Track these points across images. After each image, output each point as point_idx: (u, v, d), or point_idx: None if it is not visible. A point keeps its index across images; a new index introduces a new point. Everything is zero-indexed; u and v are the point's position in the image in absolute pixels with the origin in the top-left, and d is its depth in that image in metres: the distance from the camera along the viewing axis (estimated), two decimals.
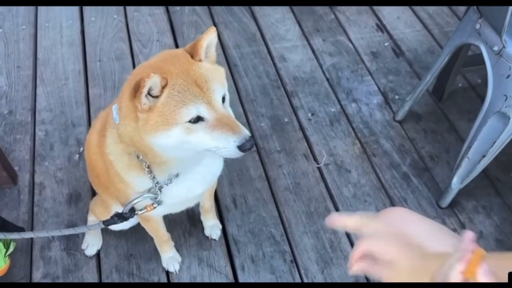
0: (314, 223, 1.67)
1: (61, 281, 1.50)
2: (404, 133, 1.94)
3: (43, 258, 1.54)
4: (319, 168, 1.83)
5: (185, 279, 1.51)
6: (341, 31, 2.37)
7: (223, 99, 0.97)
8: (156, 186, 1.09)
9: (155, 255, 1.55)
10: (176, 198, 1.17)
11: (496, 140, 1.49)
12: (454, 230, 1.64)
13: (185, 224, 1.65)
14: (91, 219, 1.53)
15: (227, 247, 1.60)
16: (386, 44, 2.31)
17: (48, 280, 1.50)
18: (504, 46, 1.41)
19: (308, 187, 1.77)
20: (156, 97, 0.92)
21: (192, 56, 0.98)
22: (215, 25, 2.39)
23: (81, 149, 1.83)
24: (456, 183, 1.63)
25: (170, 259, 1.53)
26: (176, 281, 1.51)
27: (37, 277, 1.51)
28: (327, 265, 1.56)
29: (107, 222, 1.19)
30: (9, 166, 1.70)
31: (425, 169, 1.83)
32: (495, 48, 1.44)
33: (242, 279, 1.52)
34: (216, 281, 1.51)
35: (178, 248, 1.57)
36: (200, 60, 0.97)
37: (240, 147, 0.94)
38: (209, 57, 1.01)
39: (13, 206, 1.67)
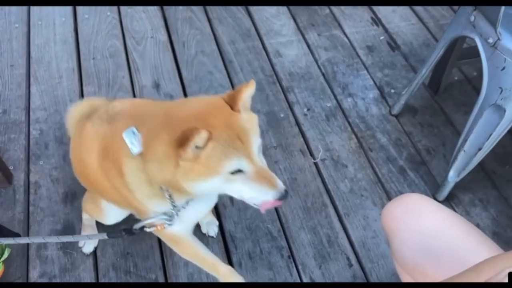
0: (311, 219, 1.67)
1: (58, 280, 1.49)
2: (400, 127, 1.94)
3: (40, 257, 1.54)
4: (315, 163, 1.83)
5: (183, 277, 1.51)
6: (336, 25, 2.36)
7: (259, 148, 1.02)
8: (174, 210, 1.12)
9: (152, 253, 1.55)
10: (190, 219, 1.24)
11: (492, 133, 1.49)
12: None
13: None
14: (85, 216, 1.53)
15: (224, 243, 1.60)
16: (382, 38, 2.30)
17: (45, 280, 1.49)
18: (499, 38, 1.40)
19: (304, 182, 1.77)
20: (200, 148, 0.95)
21: (231, 107, 1.00)
22: (209, 20, 2.38)
23: None
24: (453, 176, 1.63)
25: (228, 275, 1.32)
26: (173, 279, 1.51)
27: (34, 276, 1.50)
28: (325, 261, 1.56)
29: (112, 235, 1.21)
30: (4, 166, 1.69)
31: (422, 163, 1.82)
32: (490, 41, 1.43)
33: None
34: (214, 277, 1.50)
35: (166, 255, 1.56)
36: (238, 111, 1.00)
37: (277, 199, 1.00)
38: (244, 106, 1.03)
39: (9, 206, 1.66)
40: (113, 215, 1.42)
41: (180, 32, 2.34)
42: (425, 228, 1.02)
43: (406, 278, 1.08)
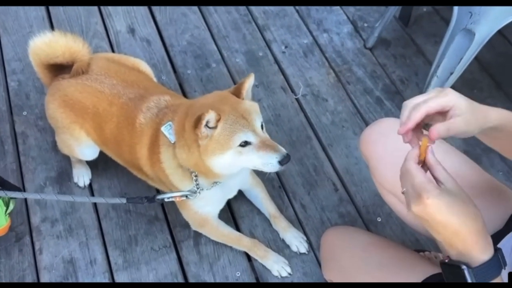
0: (297, 151, 1.75)
1: (60, 223, 1.54)
2: (375, 59, 2.02)
3: (39, 203, 1.57)
4: (297, 99, 1.90)
5: None
6: None
7: (262, 126, 1.24)
8: (197, 189, 1.33)
9: (149, 192, 1.60)
10: (215, 197, 1.42)
11: (462, 57, 1.59)
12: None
13: None
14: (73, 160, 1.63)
15: None
16: None
17: (47, 223, 1.54)
18: None
19: (288, 117, 1.84)
20: (213, 128, 1.17)
21: (237, 95, 1.25)
22: None
23: None
24: None
25: (275, 263, 1.49)
26: (172, 214, 1.58)
27: (36, 221, 1.54)
28: (313, 187, 1.67)
29: (132, 200, 1.38)
30: None
31: (397, 92, 1.92)
32: None
33: (235, 206, 1.60)
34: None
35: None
36: (243, 99, 1.24)
37: (280, 162, 1.20)
38: (247, 96, 1.27)
39: None
40: (88, 153, 1.53)
41: None
42: (400, 146, 1.08)
43: (388, 197, 1.16)
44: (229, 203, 1.60)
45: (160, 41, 2.06)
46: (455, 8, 1.56)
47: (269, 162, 1.21)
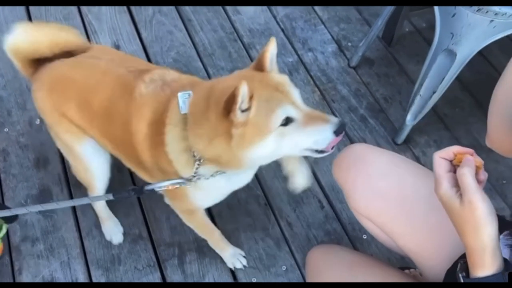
0: (283, 168, 1.75)
1: (41, 242, 1.50)
2: (359, 78, 2.04)
3: (19, 222, 1.53)
4: None
5: (166, 229, 1.56)
6: None
7: None
8: (194, 177, 1.09)
9: (133, 210, 1.58)
10: (221, 190, 1.21)
11: (445, 76, 1.62)
12: None
13: None
14: (99, 208, 1.51)
15: None
16: None
17: (28, 243, 1.50)
18: None
19: None
20: (246, 110, 0.95)
21: (260, 70, 1.04)
22: None
23: None
24: (410, 120, 1.76)
25: (232, 256, 1.50)
26: (157, 233, 1.55)
27: (15, 241, 1.50)
28: (299, 205, 1.66)
29: (119, 195, 1.13)
30: None
31: (381, 110, 1.95)
32: None
33: (220, 224, 1.59)
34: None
35: (155, 201, 1.60)
36: (269, 71, 1.04)
37: (336, 133, 0.98)
38: (273, 68, 1.07)
39: None
40: (98, 162, 1.35)
41: None
42: (372, 172, 1.07)
43: (364, 222, 1.16)
44: (213, 220, 1.58)
45: (146, 58, 2.05)
46: (437, 29, 1.59)
47: (323, 137, 0.98)
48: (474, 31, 1.49)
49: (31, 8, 2.15)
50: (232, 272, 1.50)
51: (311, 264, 1.26)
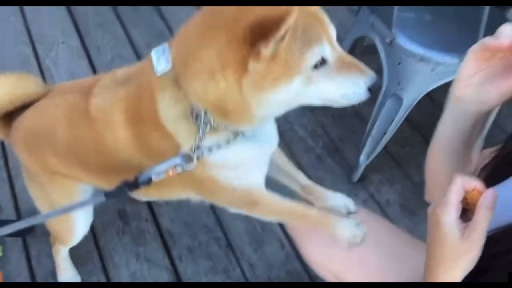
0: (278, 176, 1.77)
1: None
2: (315, 119, 2.12)
3: None
4: None
5: (125, 276, 1.53)
6: None
7: None
8: (195, 151, 0.87)
9: (91, 257, 1.55)
10: (250, 157, 0.96)
11: (393, 119, 1.72)
12: (365, 201, 1.85)
13: (117, 223, 1.66)
14: (58, 257, 1.45)
15: (162, 240, 1.65)
16: None
17: None
18: (394, 38, 1.62)
19: None
20: (279, 40, 0.72)
21: None
22: (122, 24, 2.38)
23: None
24: (363, 159, 1.84)
25: (349, 228, 1.04)
26: (116, 279, 1.52)
27: None
28: (260, 245, 1.68)
29: (112, 194, 0.92)
30: None
31: (336, 150, 2.02)
32: (387, 40, 1.65)
33: (181, 268, 1.58)
34: (157, 273, 1.55)
35: (113, 247, 1.58)
36: None
37: (370, 89, 0.82)
38: None
39: None
40: (83, 225, 1.28)
41: (94, 36, 2.32)
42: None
43: (319, 269, 1.16)
44: (173, 263, 1.57)
45: None
46: (385, 76, 1.70)
47: (354, 92, 0.81)
48: (418, 77, 1.60)
49: None
50: None
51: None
